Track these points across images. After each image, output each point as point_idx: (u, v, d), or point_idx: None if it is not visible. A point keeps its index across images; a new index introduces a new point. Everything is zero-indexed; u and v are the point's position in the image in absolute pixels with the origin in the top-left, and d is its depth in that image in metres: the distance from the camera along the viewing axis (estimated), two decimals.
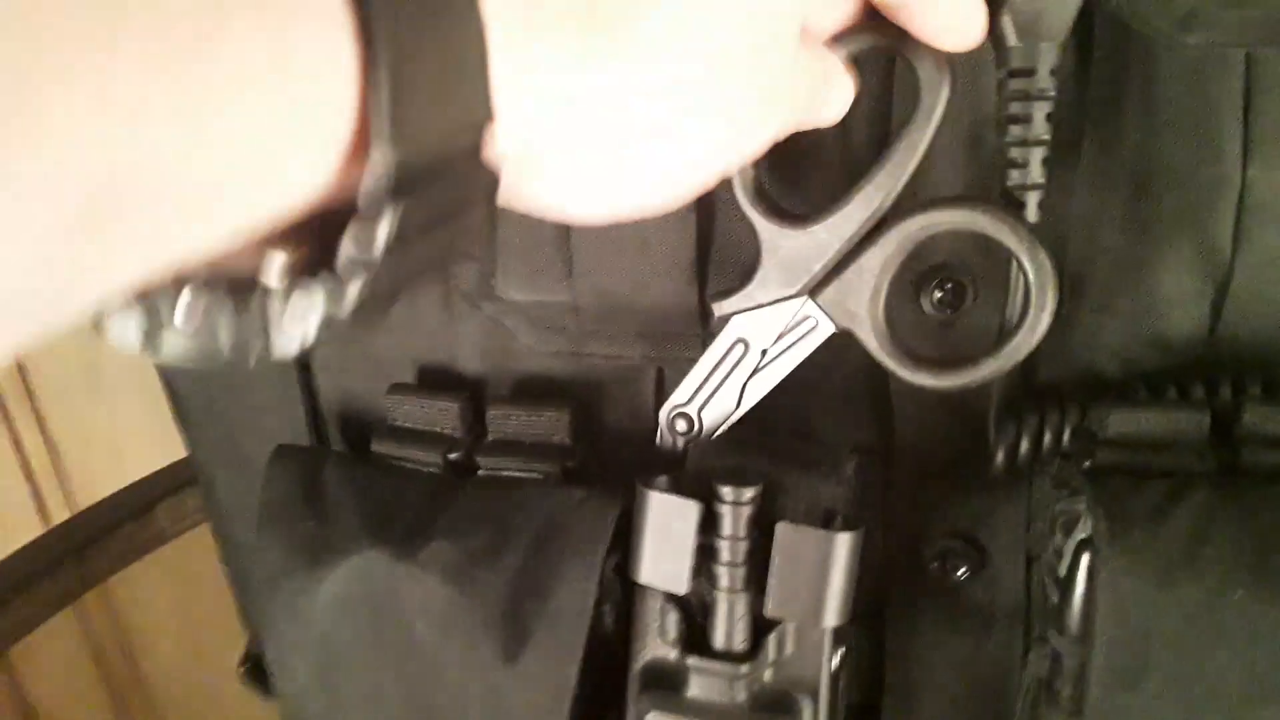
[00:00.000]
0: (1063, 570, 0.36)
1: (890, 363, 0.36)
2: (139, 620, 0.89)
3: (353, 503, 0.42)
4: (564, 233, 0.40)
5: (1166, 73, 0.35)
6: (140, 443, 0.88)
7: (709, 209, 0.39)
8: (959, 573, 0.41)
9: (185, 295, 0.22)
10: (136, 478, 0.84)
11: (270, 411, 0.47)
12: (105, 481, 0.89)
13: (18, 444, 0.89)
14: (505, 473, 0.42)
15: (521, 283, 0.41)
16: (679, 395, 0.39)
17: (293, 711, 0.43)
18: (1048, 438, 0.38)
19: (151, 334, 0.22)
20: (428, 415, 0.43)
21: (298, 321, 0.22)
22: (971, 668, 0.42)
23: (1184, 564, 0.33)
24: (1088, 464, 0.36)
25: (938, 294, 0.38)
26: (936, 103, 0.33)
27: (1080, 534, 0.35)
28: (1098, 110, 0.36)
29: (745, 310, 0.37)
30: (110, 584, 0.86)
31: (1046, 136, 0.34)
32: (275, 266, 0.21)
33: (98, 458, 0.90)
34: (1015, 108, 0.34)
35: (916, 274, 0.38)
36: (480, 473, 0.42)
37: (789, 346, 0.37)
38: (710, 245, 0.39)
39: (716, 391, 0.39)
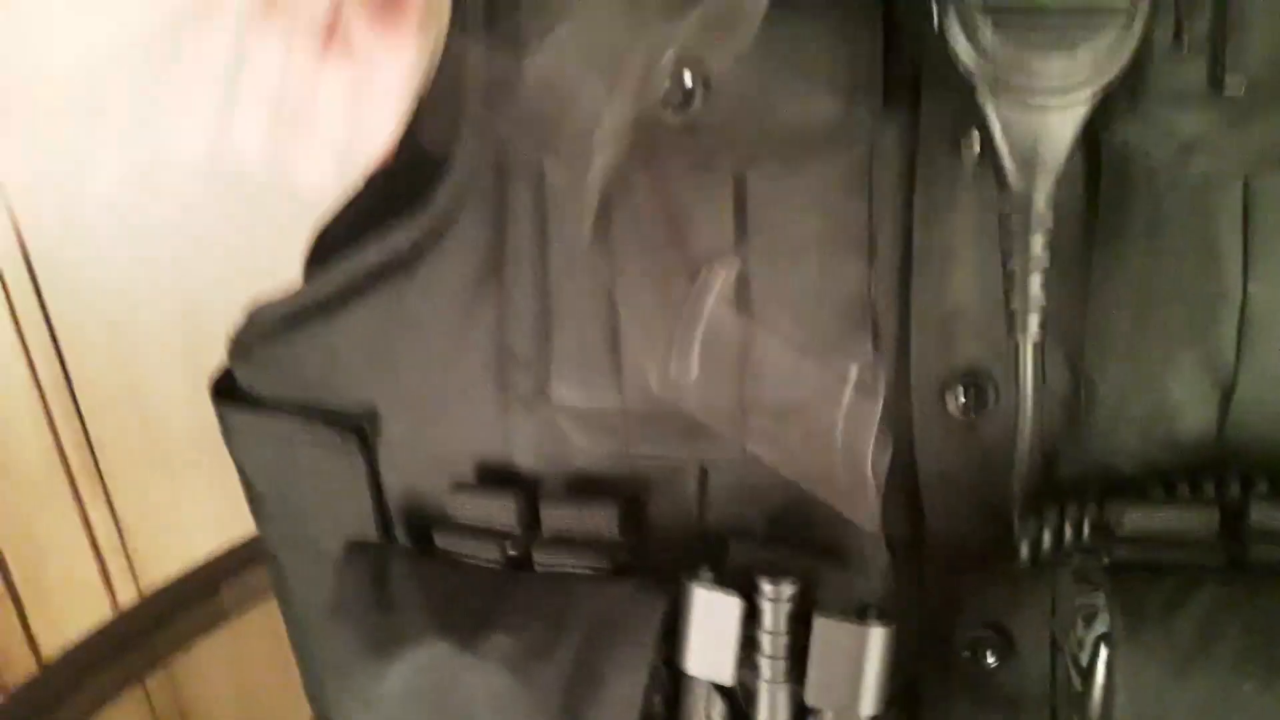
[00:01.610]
0: (1084, 660, 0.38)
1: None
2: (199, 698, 0.91)
3: (418, 596, 0.45)
4: (613, 336, 0.43)
5: (1169, 197, 0.38)
6: (206, 522, 0.91)
7: None
8: (989, 661, 0.43)
9: None
10: (202, 554, 0.88)
11: (339, 505, 0.51)
12: (171, 559, 0.93)
13: (87, 522, 0.93)
14: (560, 568, 0.45)
15: (575, 389, 0.44)
16: None
17: None
18: (1068, 532, 0.40)
19: None
20: (487, 512, 0.46)
21: None
22: None
23: (1196, 656, 0.35)
24: (1106, 561, 0.38)
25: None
26: None
27: (1099, 627, 0.37)
28: (1104, 234, 0.39)
29: None
30: (172, 664, 0.89)
31: (1045, 262, 0.37)
32: None
33: (164, 536, 0.94)
34: (1016, 235, 0.37)
35: None
36: (536, 568, 0.45)
37: None
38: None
39: None
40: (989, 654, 0.43)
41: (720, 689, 0.41)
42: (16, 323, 0.88)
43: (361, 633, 0.45)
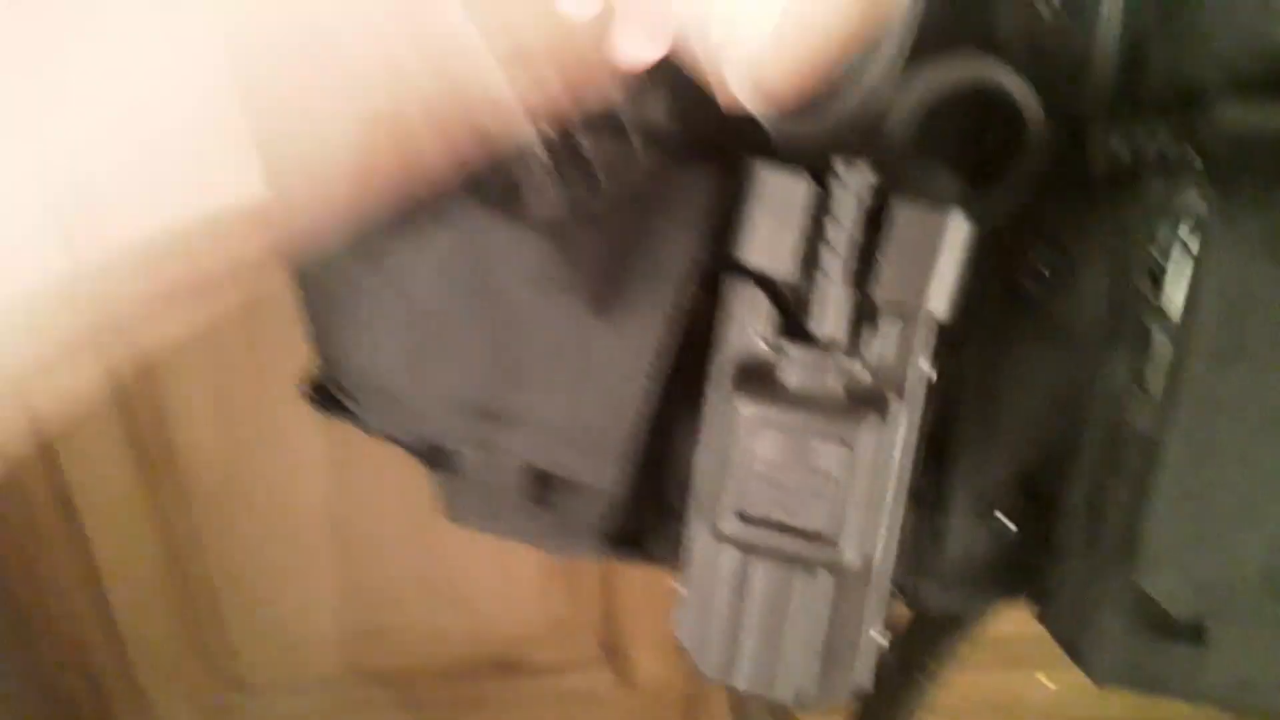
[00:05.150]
0: (1165, 261, 0.36)
1: None
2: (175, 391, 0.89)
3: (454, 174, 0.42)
4: None
5: None
6: None
7: None
8: (1046, 275, 0.41)
9: None
10: None
11: None
12: None
13: None
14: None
15: None
16: None
17: (370, 384, 0.44)
18: (1150, 145, 0.38)
19: None
20: None
21: None
22: (1049, 384, 0.43)
23: None
24: (1196, 160, 0.36)
25: None
26: None
27: (1188, 219, 0.36)
28: None
29: None
30: (152, 364, 0.86)
31: None
32: None
33: None
34: None
35: None
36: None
37: None
38: None
39: None
40: (1048, 275, 0.41)
41: (768, 292, 0.39)
42: None
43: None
